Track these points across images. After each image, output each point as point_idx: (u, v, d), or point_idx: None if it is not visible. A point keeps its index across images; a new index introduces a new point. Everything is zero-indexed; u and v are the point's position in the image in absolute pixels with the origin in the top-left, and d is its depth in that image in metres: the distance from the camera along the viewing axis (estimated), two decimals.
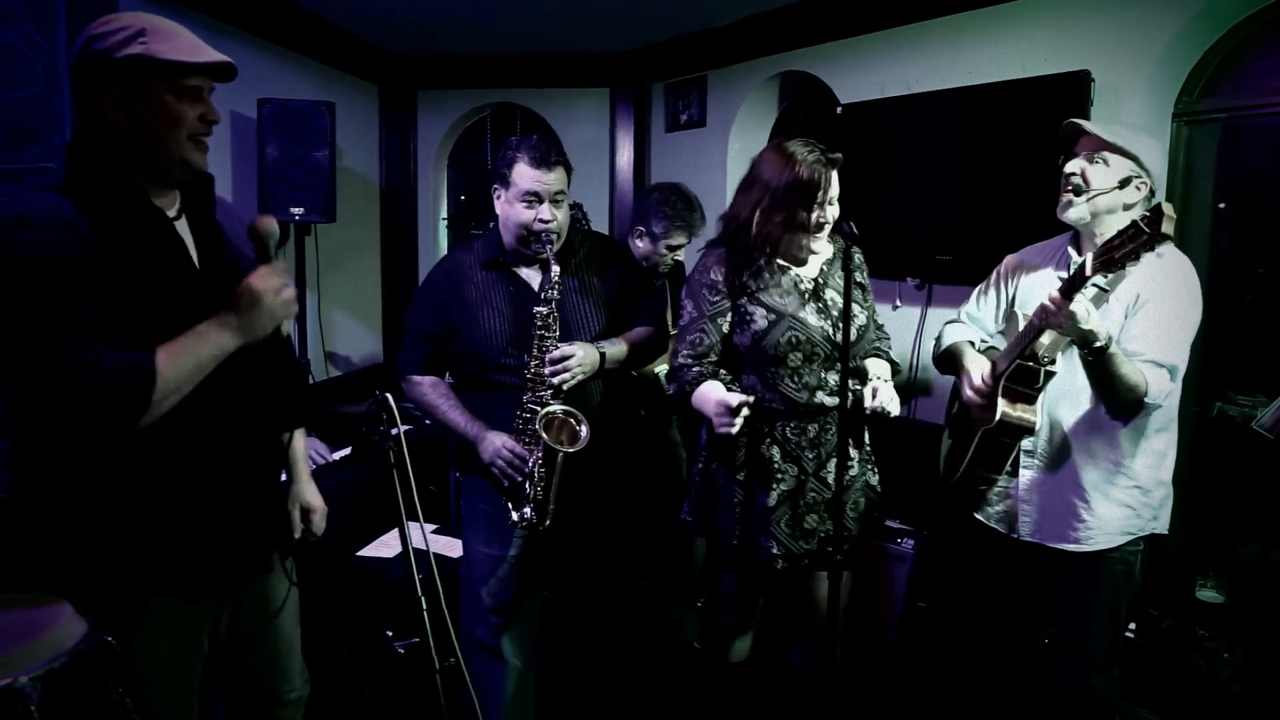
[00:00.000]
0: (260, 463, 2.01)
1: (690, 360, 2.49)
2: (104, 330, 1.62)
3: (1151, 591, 3.35)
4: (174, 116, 1.74)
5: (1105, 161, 2.32)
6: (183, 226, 1.87)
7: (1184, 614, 3.37)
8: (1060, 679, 2.51)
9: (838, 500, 2.31)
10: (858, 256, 2.53)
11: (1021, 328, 2.32)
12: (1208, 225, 3.42)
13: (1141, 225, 1.95)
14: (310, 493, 2.29)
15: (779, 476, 2.45)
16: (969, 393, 2.48)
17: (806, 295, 2.45)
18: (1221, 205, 3.42)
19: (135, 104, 1.72)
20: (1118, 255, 2.01)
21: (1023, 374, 2.33)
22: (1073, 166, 2.36)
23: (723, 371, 2.47)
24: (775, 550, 2.46)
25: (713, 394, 2.34)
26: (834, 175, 2.38)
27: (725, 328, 2.49)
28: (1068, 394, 2.40)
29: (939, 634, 3.40)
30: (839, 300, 2.42)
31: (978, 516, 2.61)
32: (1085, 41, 3.41)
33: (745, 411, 2.23)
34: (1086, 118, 3.23)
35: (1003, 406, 2.34)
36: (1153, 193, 2.36)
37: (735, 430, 2.25)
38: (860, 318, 2.48)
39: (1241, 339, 3.37)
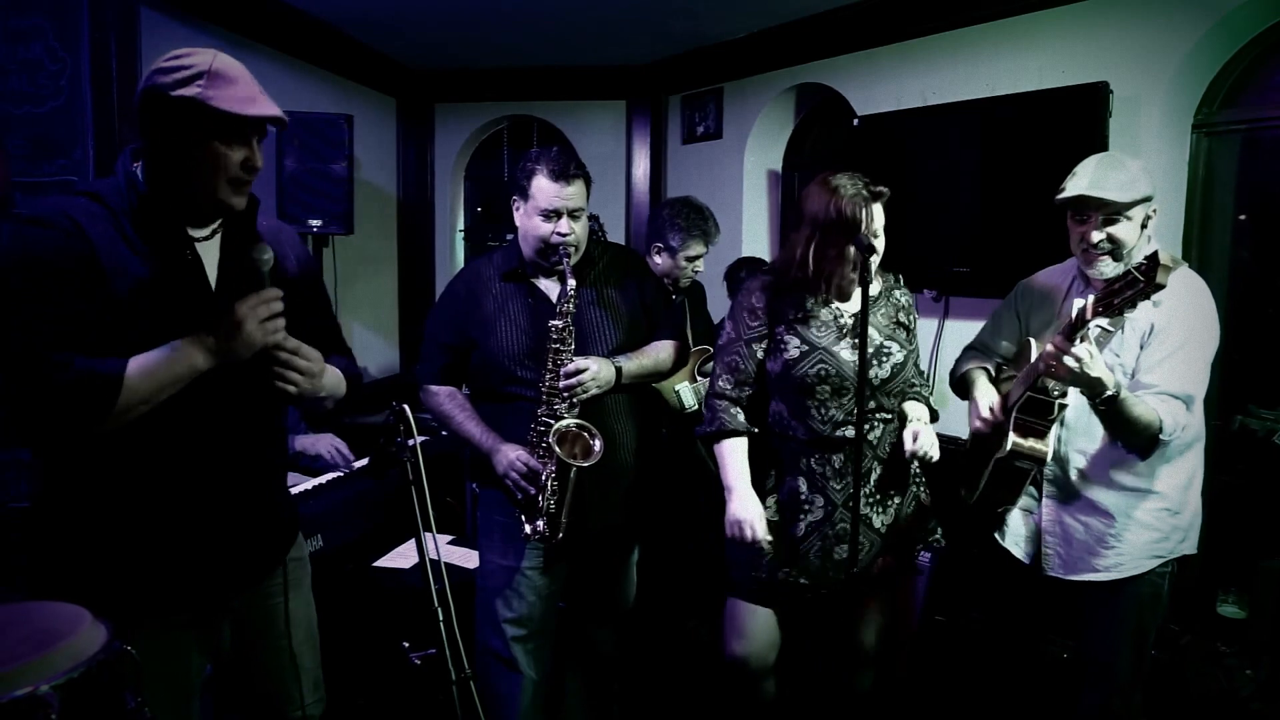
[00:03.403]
0: (241, 483, 1.93)
1: (729, 387, 2.51)
2: (88, 335, 1.67)
3: (1172, 607, 3.31)
4: (218, 162, 1.76)
5: (1128, 217, 2.27)
6: (210, 246, 1.88)
7: (1205, 630, 3.33)
8: (1083, 700, 2.49)
9: (888, 537, 2.35)
10: (905, 299, 2.55)
11: (1034, 357, 2.30)
12: (1228, 237, 3.40)
13: (1137, 274, 1.94)
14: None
15: (805, 508, 2.45)
16: (976, 423, 2.48)
17: (845, 331, 2.44)
18: (1242, 217, 3.40)
19: (183, 143, 1.74)
20: (1116, 301, 1.99)
21: (1034, 406, 2.31)
22: (1097, 235, 2.28)
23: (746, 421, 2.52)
24: (804, 581, 2.46)
25: (743, 494, 2.46)
26: (877, 208, 2.36)
27: (760, 354, 2.49)
28: (1084, 423, 2.37)
29: (957, 648, 3.38)
30: (878, 338, 2.44)
31: (996, 538, 2.60)
32: (1103, 53, 3.40)
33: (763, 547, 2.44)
34: (1105, 130, 3.24)
35: (1014, 437, 2.33)
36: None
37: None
38: (897, 356, 2.46)
39: (1262, 352, 3.34)
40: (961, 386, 2.70)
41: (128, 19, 3.57)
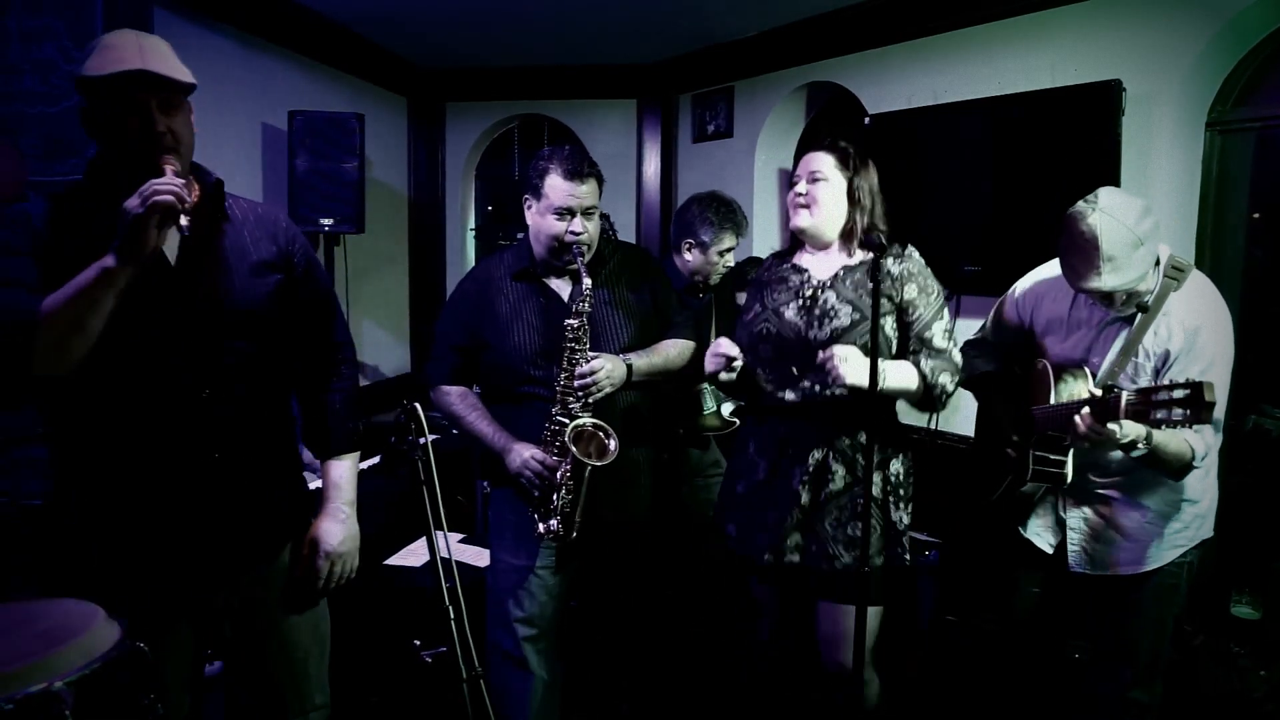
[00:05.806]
0: (207, 475, 1.88)
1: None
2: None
3: (1186, 607, 3.30)
4: (115, 130, 1.78)
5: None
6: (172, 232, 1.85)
7: (1218, 630, 3.31)
8: (1100, 694, 2.48)
9: (812, 518, 2.28)
10: (897, 268, 2.36)
11: (1051, 383, 2.32)
12: (1242, 236, 3.38)
13: (1183, 402, 1.87)
14: (323, 529, 2.07)
15: (749, 468, 2.48)
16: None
17: (802, 295, 2.42)
18: (1256, 215, 3.38)
19: (94, 121, 1.80)
20: (1154, 416, 1.93)
21: (1052, 441, 2.33)
22: (1119, 299, 2.25)
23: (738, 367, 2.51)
24: (736, 536, 2.50)
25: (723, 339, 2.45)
26: (814, 156, 2.52)
27: None
28: None
29: (968, 647, 3.37)
30: (837, 306, 2.35)
31: (1021, 531, 2.58)
32: (1115, 51, 3.38)
33: (735, 365, 2.35)
34: (1118, 128, 3.22)
35: (1035, 469, 2.37)
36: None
37: (711, 368, 2.38)
38: (842, 320, 2.31)
39: (1276, 351, 3.32)
40: (973, 385, 2.69)
41: (140, 19, 3.58)
